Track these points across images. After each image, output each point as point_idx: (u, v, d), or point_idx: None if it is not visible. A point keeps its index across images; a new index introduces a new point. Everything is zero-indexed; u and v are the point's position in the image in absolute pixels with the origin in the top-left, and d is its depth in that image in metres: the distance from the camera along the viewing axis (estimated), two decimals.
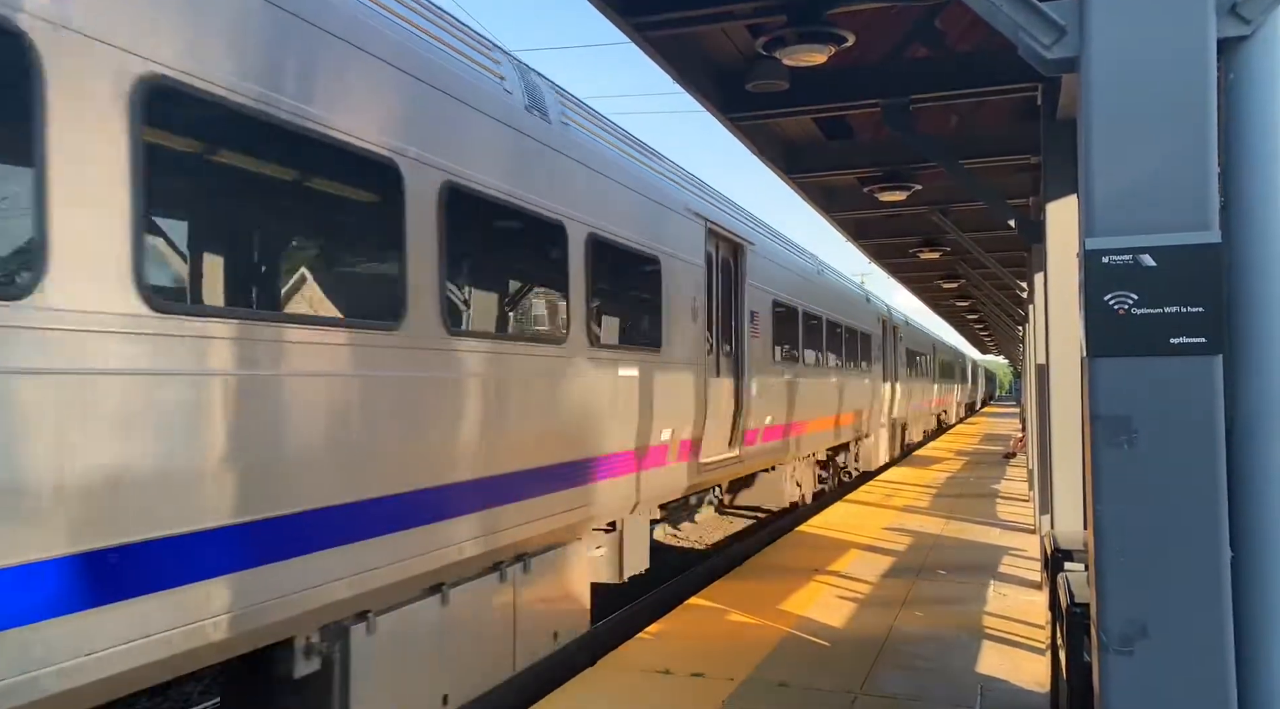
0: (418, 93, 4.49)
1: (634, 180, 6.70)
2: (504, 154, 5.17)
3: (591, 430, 6.13)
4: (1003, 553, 10.57)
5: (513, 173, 5.21)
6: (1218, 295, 2.35)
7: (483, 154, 4.96)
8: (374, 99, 4.21)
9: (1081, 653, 3.26)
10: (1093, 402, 2.46)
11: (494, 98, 5.12)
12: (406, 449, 4.36)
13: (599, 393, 6.24)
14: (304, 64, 3.83)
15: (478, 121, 4.93)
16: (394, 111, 4.33)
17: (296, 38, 3.82)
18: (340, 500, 3.98)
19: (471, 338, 4.91)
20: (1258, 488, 2.42)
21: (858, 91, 6.78)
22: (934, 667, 6.40)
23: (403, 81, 4.42)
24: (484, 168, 4.94)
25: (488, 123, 5.00)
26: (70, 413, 2.84)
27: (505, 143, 5.16)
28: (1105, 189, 2.46)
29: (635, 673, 6.22)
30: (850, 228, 12.51)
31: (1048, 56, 2.61)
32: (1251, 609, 2.40)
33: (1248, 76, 2.46)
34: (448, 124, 4.72)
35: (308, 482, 3.80)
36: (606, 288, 6.53)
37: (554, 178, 5.59)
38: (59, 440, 2.81)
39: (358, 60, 4.11)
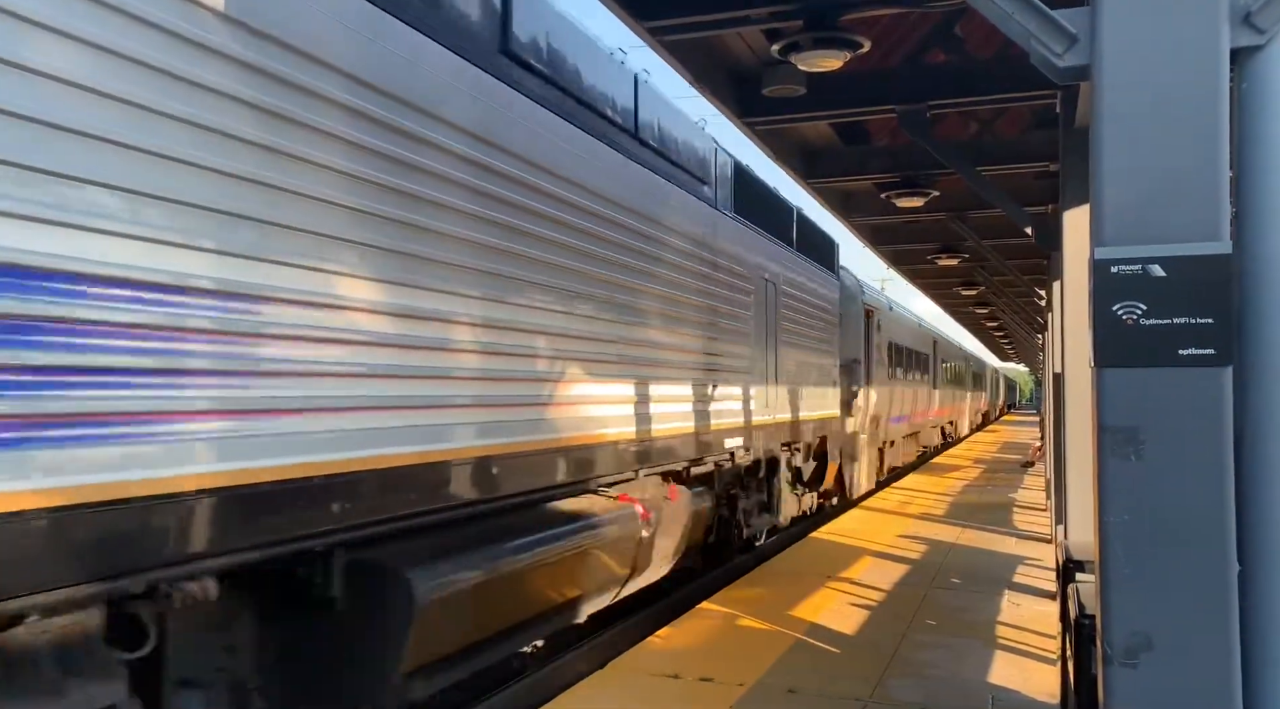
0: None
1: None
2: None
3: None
4: (1018, 562, 10.51)
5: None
6: (1227, 306, 2.33)
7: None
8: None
9: (1089, 664, 3.23)
10: (1100, 412, 2.44)
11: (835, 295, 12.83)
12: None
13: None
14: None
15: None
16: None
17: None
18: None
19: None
20: (1266, 501, 2.40)
21: (875, 97, 6.77)
22: (945, 675, 6.37)
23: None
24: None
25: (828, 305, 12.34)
26: None
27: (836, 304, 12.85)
28: (1115, 198, 2.45)
29: (644, 676, 6.23)
30: (868, 234, 12.48)
31: (1059, 64, 2.60)
32: (1259, 623, 2.38)
33: (1261, 86, 2.44)
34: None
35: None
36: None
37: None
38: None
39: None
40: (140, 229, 3.07)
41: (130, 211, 3.03)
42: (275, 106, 3.58)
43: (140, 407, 3.08)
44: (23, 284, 2.72)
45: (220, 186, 3.35)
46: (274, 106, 3.58)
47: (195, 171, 3.25)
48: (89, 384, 2.92)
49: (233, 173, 3.40)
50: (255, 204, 3.49)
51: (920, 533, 12.49)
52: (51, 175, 2.79)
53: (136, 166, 3.04)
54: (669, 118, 6.70)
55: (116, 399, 3.01)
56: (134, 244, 3.04)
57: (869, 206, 10.48)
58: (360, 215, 3.98)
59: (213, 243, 3.33)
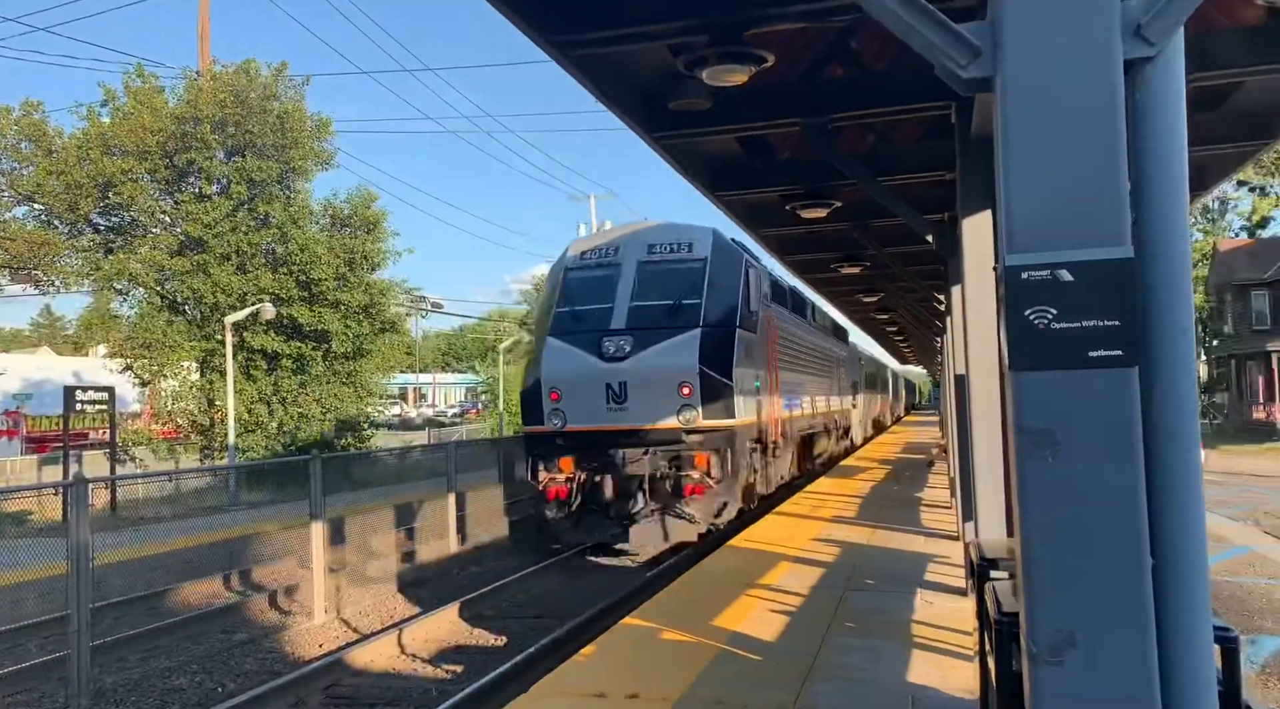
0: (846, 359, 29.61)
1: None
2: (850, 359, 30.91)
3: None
4: (927, 561, 10.76)
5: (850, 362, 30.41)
6: (1133, 309, 2.41)
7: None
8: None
9: (1010, 661, 3.29)
10: (1016, 414, 2.49)
11: (847, 354, 30.16)
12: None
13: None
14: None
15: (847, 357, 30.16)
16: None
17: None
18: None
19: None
20: (1174, 495, 2.48)
21: (778, 110, 6.87)
22: (866, 678, 6.45)
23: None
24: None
25: (847, 358, 29.86)
26: None
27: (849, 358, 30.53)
28: (1022, 206, 2.51)
29: (570, 697, 6.13)
30: (774, 244, 12.66)
31: (963, 76, 2.65)
32: (1171, 614, 2.46)
33: (1152, 96, 2.53)
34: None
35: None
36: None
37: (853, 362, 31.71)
38: None
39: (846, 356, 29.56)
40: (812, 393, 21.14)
41: (809, 385, 20.66)
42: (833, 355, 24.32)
43: (804, 407, 19.75)
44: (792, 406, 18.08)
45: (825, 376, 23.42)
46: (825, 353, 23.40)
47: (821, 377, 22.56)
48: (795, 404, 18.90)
49: (821, 375, 22.58)
50: (820, 382, 22.87)
51: (834, 536, 12.69)
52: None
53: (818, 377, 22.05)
54: (825, 315, 24.40)
55: (803, 405, 19.51)
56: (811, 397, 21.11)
57: (775, 218, 10.64)
58: (821, 377, 22.72)
59: (819, 393, 22.16)
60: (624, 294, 13.94)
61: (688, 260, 14.01)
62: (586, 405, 13.49)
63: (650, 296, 13.87)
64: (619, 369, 13.38)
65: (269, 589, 13.10)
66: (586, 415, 13.48)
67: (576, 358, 13.58)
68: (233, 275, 24.98)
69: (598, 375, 13.42)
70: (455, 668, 9.59)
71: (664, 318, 13.61)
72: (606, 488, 13.39)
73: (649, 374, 13.29)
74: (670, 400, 13.34)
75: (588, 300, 14.07)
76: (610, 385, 13.41)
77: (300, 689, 8.57)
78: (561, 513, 13.58)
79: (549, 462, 13.70)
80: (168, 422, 27.01)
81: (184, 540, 14.40)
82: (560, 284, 14.55)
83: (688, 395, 13.27)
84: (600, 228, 54.27)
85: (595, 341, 13.54)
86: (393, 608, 12.69)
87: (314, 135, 27.03)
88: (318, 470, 11.92)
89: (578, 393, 13.55)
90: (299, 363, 26.07)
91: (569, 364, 13.60)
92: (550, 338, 13.91)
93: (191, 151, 25.05)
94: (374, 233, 27.18)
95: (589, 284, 14.25)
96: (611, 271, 14.23)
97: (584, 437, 13.50)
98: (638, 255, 14.27)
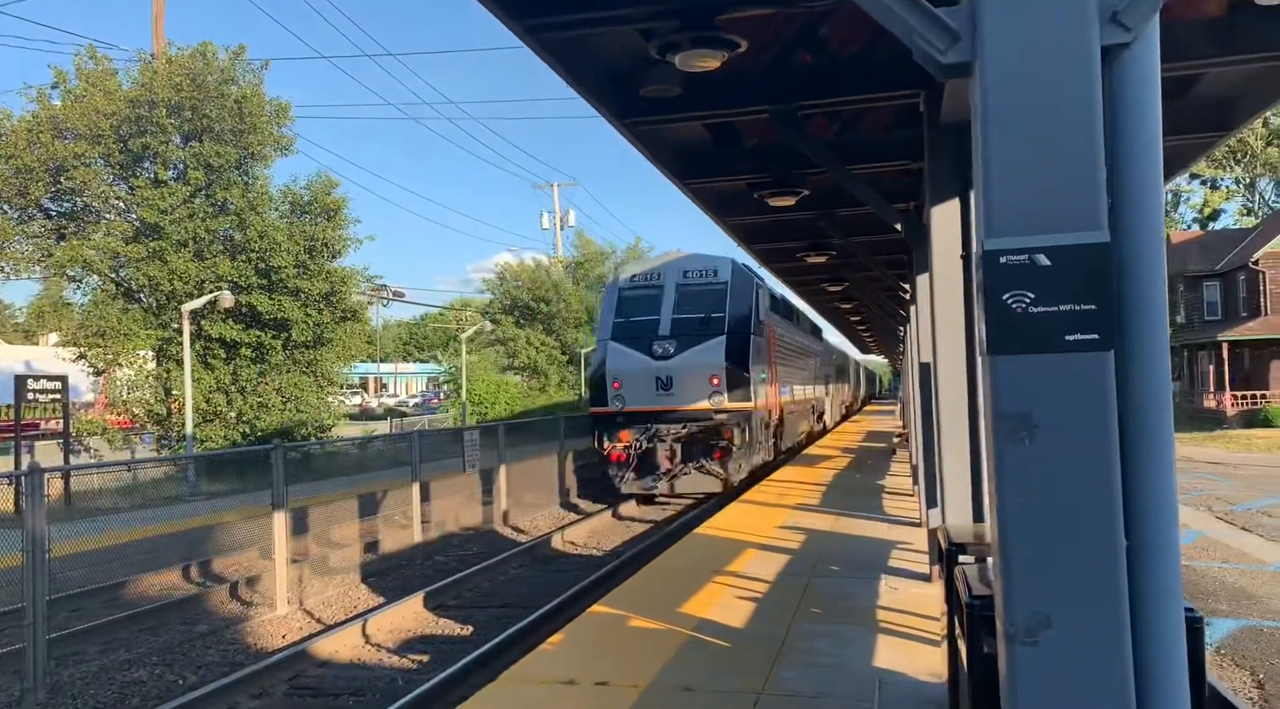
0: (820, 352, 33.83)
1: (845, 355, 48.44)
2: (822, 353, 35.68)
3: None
4: (890, 547, 10.88)
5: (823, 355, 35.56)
6: (1108, 293, 2.43)
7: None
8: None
9: (981, 644, 3.32)
10: (994, 398, 2.50)
11: (822, 348, 35.69)
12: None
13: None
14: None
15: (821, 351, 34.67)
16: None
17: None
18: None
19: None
20: (1147, 477, 2.52)
21: (748, 97, 6.86)
22: (833, 663, 6.51)
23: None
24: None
25: (821, 352, 34.31)
26: None
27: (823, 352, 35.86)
28: (1001, 191, 2.51)
29: (539, 685, 6.12)
30: (741, 233, 12.69)
31: (942, 61, 2.65)
32: (1144, 595, 2.49)
33: (1129, 81, 2.55)
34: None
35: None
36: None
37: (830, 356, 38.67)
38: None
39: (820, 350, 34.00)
40: (798, 383, 26.19)
41: (798, 375, 26.09)
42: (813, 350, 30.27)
43: (793, 394, 25.10)
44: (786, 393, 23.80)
45: (808, 369, 28.58)
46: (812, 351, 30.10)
47: (804, 370, 27.65)
48: (788, 391, 24.15)
49: (804, 369, 27.59)
50: (804, 374, 27.36)
51: (798, 523, 12.78)
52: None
53: (803, 369, 27.14)
54: (806, 318, 30.08)
55: (793, 392, 25.07)
56: (811, 384, 29.06)
57: (741, 207, 10.64)
58: (804, 370, 27.64)
59: (803, 383, 27.23)
60: (667, 309, 19.31)
61: (713, 283, 19.42)
62: (640, 391, 18.73)
63: (686, 310, 19.20)
64: (665, 365, 18.74)
65: (230, 580, 12.92)
66: (640, 399, 18.74)
67: (633, 357, 18.92)
68: (190, 262, 24.52)
69: (649, 369, 18.74)
70: (421, 657, 9.53)
71: (697, 326, 18.92)
72: (655, 452, 18.66)
73: (688, 369, 18.57)
74: (703, 388, 18.51)
75: (639, 313, 19.36)
76: (659, 377, 18.74)
77: (264, 680, 8.46)
78: (621, 472, 18.93)
79: (611, 433, 18.94)
80: (123, 411, 26.51)
81: (142, 531, 14.16)
82: (616, 301, 19.88)
83: (716, 385, 18.52)
84: (564, 217, 54.58)
85: (647, 344, 18.94)
86: (356, 598, 12.58)
87: (273, 120, 26.58)
88: (280, 460, 11.76)
89: (634, 382, 18.79)
90: (258, 352, 25.68)
91: (628, 362, 18.90)
92: (612, 341, 19.29)
93: (146, 136, 24.51)
94: (334, 220, 26.81)
95: (639, 301, 19.53)
96: (656, 292, 19.57)
97: (638, 415, 18.78)
98: (676, 279, 19.66)
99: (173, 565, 13.49)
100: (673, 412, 18.80)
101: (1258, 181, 67.57)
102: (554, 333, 47.38)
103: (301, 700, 8.26)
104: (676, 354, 18.83)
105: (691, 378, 18.67)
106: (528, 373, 47.81)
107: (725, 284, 19.49)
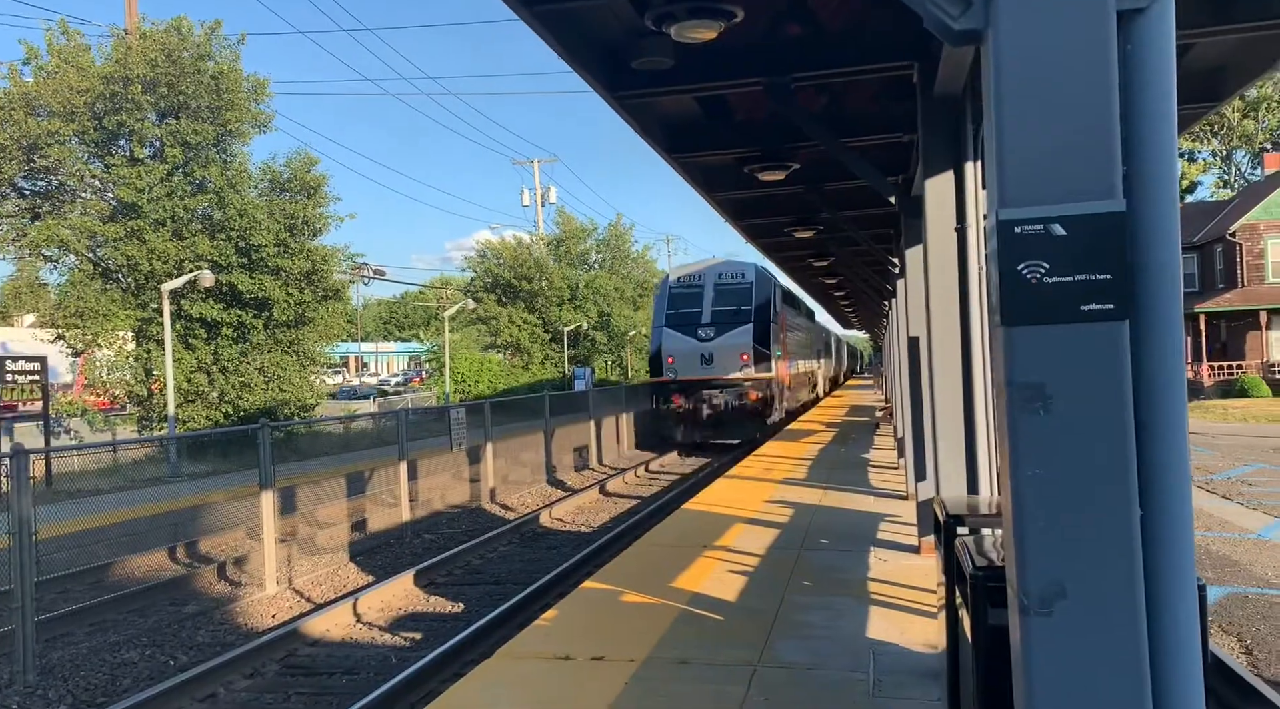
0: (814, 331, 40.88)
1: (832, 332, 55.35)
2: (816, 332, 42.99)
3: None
4: (878, 520, 10.95)
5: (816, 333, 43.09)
6: (1124, 262, 2.41)
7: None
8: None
9: (986, 615, 3.34)
10: (1008, 369, 2.48)
11: (814, 326, 41.75)
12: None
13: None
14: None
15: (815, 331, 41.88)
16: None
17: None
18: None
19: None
20: (1161, 447, 2.51)
21: (740, 69, 6.78)
22: (827, 634, 6.55)
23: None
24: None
25: (814, 332, 41.17)
26: None
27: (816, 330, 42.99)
28: (1014, 160, 2.48)
29: (534, 660, 6.13)
30: (729, 208, 12.63)
31: (955, 28, 2.60)
32: (1158, 564, 2.49)
33: (1144, 48, 2.52)
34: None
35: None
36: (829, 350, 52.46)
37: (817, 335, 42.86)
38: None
39: (814, 330, 41.39)
40: (800, 359, 33.20)
41: (800, 353, 33.30)
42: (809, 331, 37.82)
43: (797, 368, 33.14)
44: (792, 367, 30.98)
45: (807, 347, 35.78)
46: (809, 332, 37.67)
47: (804, 348, 35.17)
48: (794, 366, 32.23)
49: (805, 347, 35.08)
50: (804, 351, 34.91)
51: (786, 497, 12.84)
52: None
53: (803, 347, 34.44)
54: (805, 305, 35.57)
55: (798, 366, 32.95)
56: (809, 359, 36.63)
57: (729, 182, 10.58)
58: (804, 348, 35.09)
59: (803, 359, 34.63)
60: (708, 302, 26.17)
61: (741, 282, 26.45)
62: (689, 366, 25.74)
63: (722, 304, 26.14)
64: (707, 345, 25.73)
65: (217, 561, 12.86)
66: (689, 371, 25.72)
67: (683, 340, 25.94)
68: (169, 241, 24.19)
69: (695, 349, 25.77)
70: (414, 635, 9.53)
71: (730, 316, 25.91)
72: (700, 411, 25.71)
73: (724, 348, 25.61)
74: (736, 363, 25.56)
75: (686, 306, 26.25)
76: (702, 354, 25.68)
77: (255, 660, 8.44)
78: (676, 426, 26.38)
79: (667, 398, 26.19)
80: (103, 393, 26.22)
81: (126, 513, 14.05)
82: (668, 296, 26.87)
83: (745, 360, 25.58)
84: (545, 193, 54.69)
85: (693, 330, 25.94)
86: (346, 577, 12.55)
87: (251, 97, 26.17)
88: (266, 439, 11.68)
89: (684, 359, 25.81)
90: (239, 331, 25.44)
91: (679, 344, 25.94)
92: (666, 328, 26.28)
93: (122, 113, 24.07)
94: (315, 197, 26.49)
95: (686, 296, 26.50)
96: (699, 290, 26.53)
97: (687, 383, 25.75)
98: (713, 280, 26.65)
99: (159, 547, 13.41)
100: (713, 380, 25.69)
101: (1234, 154, 68.05)
102: (537, 311, 47.20)
103: (295, 680, 8.25)
104: (715, 337, 25.80)
105: (727, 355, 25.66)
106: (510, 351, 47.68)
107: (750, 283, 26.32)
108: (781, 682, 5.63)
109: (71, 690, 8.25)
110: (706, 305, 26.10)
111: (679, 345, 25.89)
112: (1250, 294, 43.06)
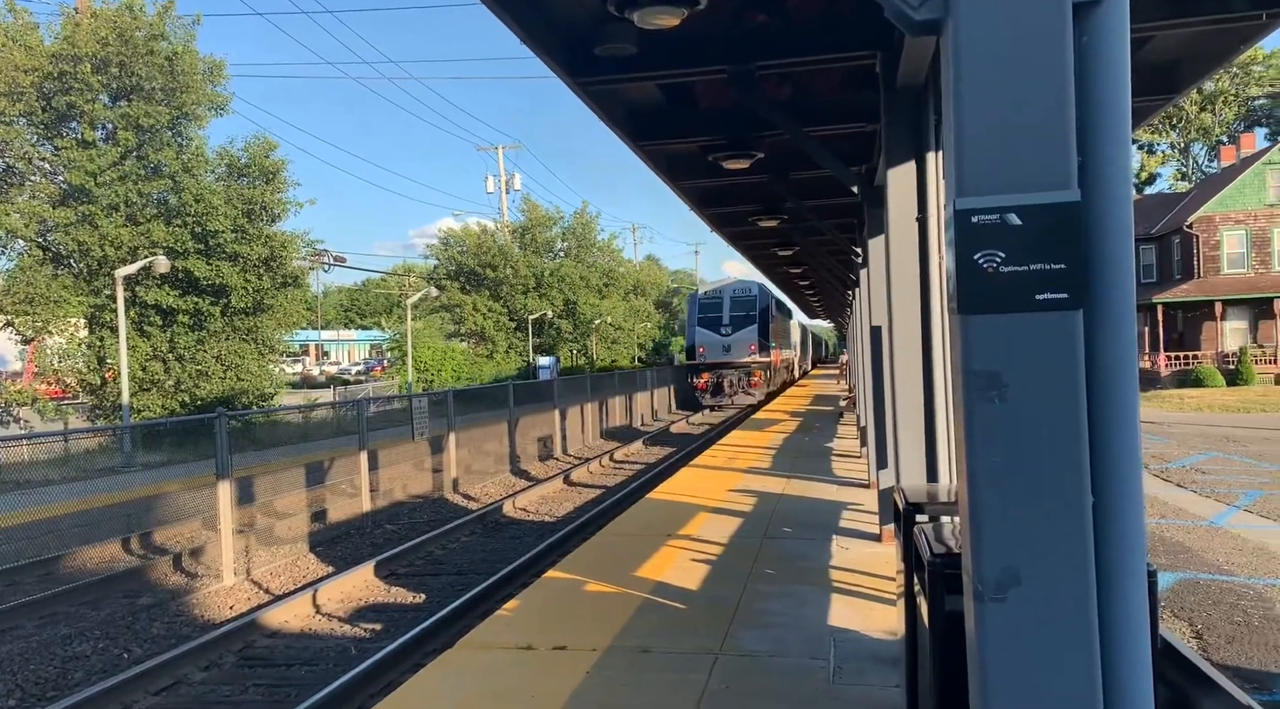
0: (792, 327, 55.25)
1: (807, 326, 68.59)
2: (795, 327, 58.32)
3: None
4: (840, 508, 11.03)
5: (793, 328, 58.82)
6: (1078, 252, 2.43)
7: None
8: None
9: (943, 601, 3.36)
10: (964, 358, 2.50)
11: (793, 323, 57.16)
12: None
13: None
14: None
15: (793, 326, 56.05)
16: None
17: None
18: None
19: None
20: (1113, 435, 2.54)
21: (704, 57, 6.76)
22: (788, 622, 6.59)
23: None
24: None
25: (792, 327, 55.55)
26: None
27: (795, 327, 57.34)
28: (972, 149, 2.49)
29: (496, 651, 6.10)
30: (694, 196, 12.62)
31: (914, 17, 2.60)
32: (1109, 550, 2.52)
33: (1100, 40, 2.54)
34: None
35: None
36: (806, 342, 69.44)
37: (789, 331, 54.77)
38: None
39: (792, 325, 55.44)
40: (783, 349, 46.88)
41: (784, 345, 47.42)
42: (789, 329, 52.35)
43: (782, 355, 46.76)
44: (780, 355, 46.05)
45: (788, 340, 50.57)
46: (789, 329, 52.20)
47: (786, 340, 48.98)
48: (781, 353, 46.98)
49: (786, 339, 49.00)
50: (786, 342, 48.88)
51: (750, 486, 12.90)
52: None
53: (785, 340, 48.81)
54: (786, 307, 47.68)
55: (783, 354, 48.96)
56: (789, 349, 51.05)
57: (694, 170, 10.57)
58: (786, 340, 48.72)
59: (785, 349, 48.71)
60: (726, 310, 40.07)
61: (749, 296, 40.47)
62: (714, 353, 39.22)
63: (736, 311, 40.04)
64: (727, 339, 39.43)
65: (173, 552, 12.66)
66: (714, 357, 39.17)
67: (710, 335, 39.47)
68: (122, 227, 23.71)
69: (718, 341, 39.39)
70: (374, 626, 9.46)
71: (742, 320, 39.80)
72: (722, 384, 38.96)
73: (738, 342, 39.41)
74: (746, 351, 39.26)
75: (711, 311, 40.23)
76: (723, 345, 39.35)
77: (213, 652, 8.33)
78: (704, 394, 39.10)
79: (698, 375, 39.51)
80: (54, 381, 25.67)
81: (79, 503, 13.77)
82: (699, 305, 40.95)
83: (753, 350, 39.32)
84: (510, 181, 54.72)
85: (717, 328, 39.63)
86: (305, 568, 12.42)
87: (206, 78, 25.69)
88: (223, 428, 11.51)
89: (710, 348, 39.36)
90: (196, 319, 25.02)
91: (707, 338, 39.52)
92: (698, 327, 39.96)
93: (72, 94, 23.51)
94: (273, 183, 26.10)
95: (711, 305, 40.50)
96: (720, 300, 40.55)
97: (713, 365, 39.19)
98: (730, 294, 40.58)
99: (112, 538, 13.17)
100: (730, 363, 39.06)
101: (1192, 147, 69.32)
102: (501, 299, 46.94)
103: (253, 671, 8.15)
104: (732, 334, 39.36)
105: (740, 346, 39.21)
106: (474, 339, 47.39)
107: (755, 296, 40.16)
108: (743, 669, 5.65)
109: (20, 684, 8.09)
110: (726, 311, 39.96)
111: (707, 339, 39.49)
112: (1206, 285, 43.95)
